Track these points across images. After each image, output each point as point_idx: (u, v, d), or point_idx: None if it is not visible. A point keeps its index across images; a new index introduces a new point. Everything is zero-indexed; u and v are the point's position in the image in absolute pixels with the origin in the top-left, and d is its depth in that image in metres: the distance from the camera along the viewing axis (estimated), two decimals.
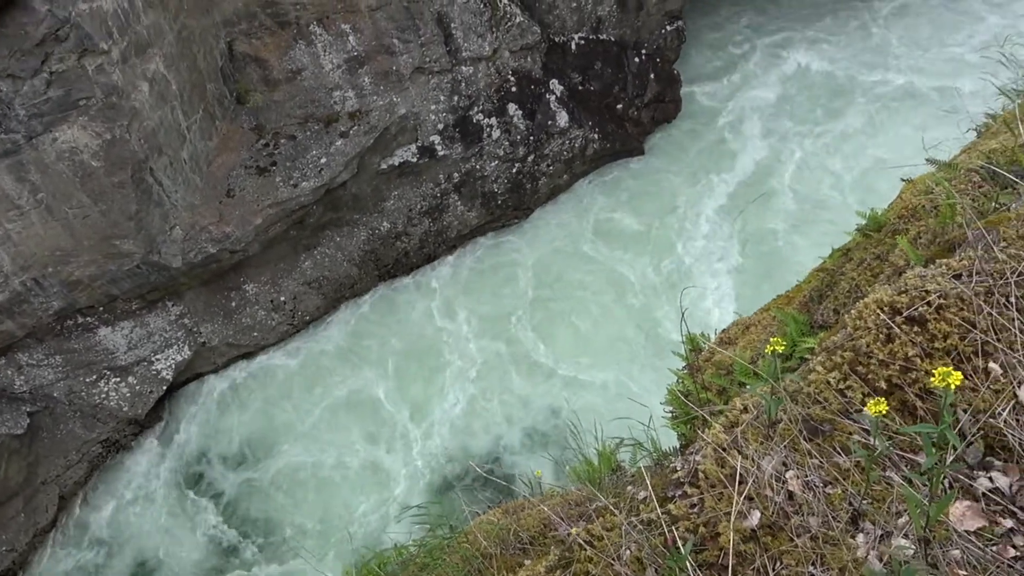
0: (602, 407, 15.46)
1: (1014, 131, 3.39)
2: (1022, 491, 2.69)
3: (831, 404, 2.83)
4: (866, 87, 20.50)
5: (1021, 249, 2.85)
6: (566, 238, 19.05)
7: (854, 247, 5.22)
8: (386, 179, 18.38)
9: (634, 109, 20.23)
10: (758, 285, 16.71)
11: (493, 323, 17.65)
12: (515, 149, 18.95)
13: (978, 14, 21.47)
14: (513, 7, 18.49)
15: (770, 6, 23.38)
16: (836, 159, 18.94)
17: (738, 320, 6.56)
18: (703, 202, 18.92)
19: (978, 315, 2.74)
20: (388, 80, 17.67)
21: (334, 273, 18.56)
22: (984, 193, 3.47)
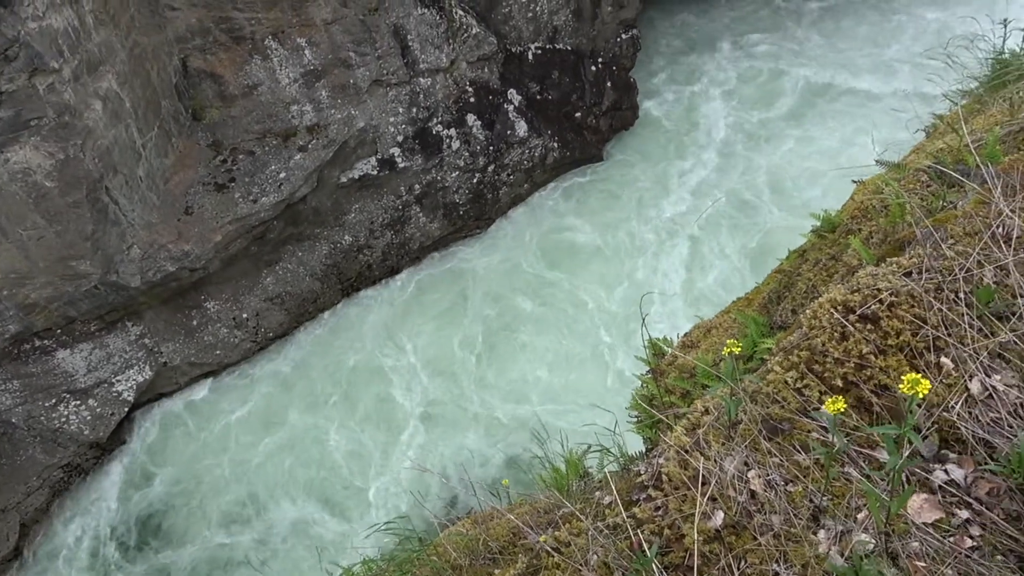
0: (568, 416, 15.50)
1: (958, 132, 3.48)
2: (977, 482, 2.75)
3: (789, 403, 2.87)
4: (818, 89, 20.83)
5: (968, 246, 2.92)
6: (524, 248, 19.10)
7: (810, 248, 5.31)
8: (347, 192, 18.30)
9: (592, 117, 20.37)
10: (718, 288, 16.87)
11: (446, 344, 17.64)
12: (475, 159, 18.98)
13: (923, 15, 21.92)
14: (469, 18, 18.54)
15: (723, 14, 23.68)
16: (790, 161, 19.22)
17: (699, 323, 6.62)
18: (662, 208, 19.09)
19: (929, 311, 2.80)
20: (346, 93, 17.62)
21: (296, 288, 18.42)
22: (932, 192, 3.55)
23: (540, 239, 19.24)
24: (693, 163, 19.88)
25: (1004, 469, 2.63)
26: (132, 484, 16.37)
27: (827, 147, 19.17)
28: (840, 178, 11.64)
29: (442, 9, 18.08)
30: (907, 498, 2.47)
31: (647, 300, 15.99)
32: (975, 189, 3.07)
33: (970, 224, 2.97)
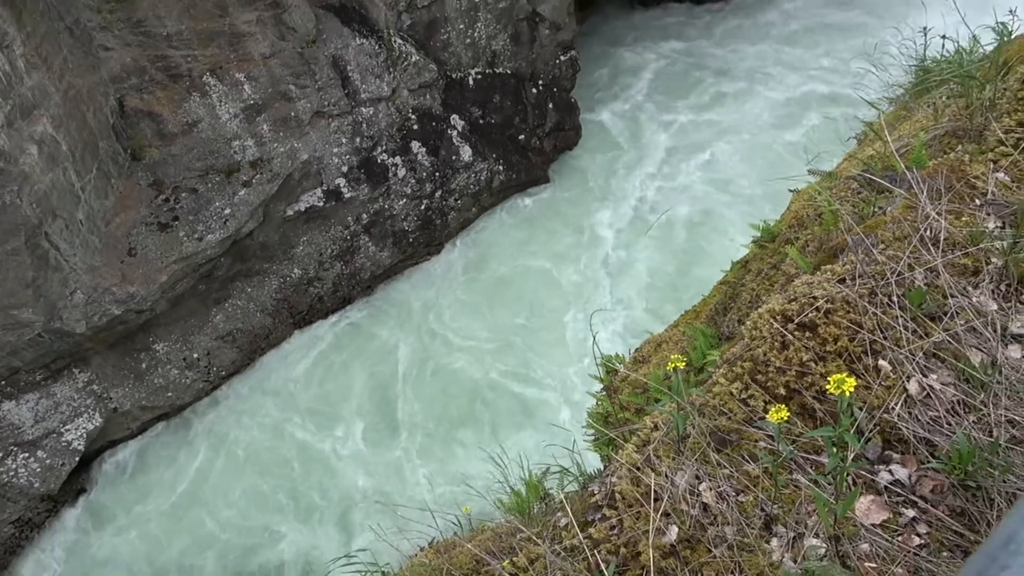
0: (528, 437, 15.50)
1: (883, 140, 3.58)
2: (920, 481, 2.81)
3: (736, 414, 2.91)
4: (757, 98, 21.24)
5: (898, 250, 3.00)
6: (473, 272, 19.13)
7: (752, 258, 5.40)
8: (293, 225, 18.17)
9: (536, 139, 20.52)
10: (666, 302, 17.04)
11: (392, 372, 17.60)
12: (422, 186, 18.99)
13: (854, 22, 22.51)
14: (408, 47, 18.61)
15: (658, 31, 24.06)
16: (731, 173, 19.55)
17: (650, 338, 6.69)
18: (608, 225, 19.27)
19: (864, 316, 2.87)
20: (288, 126, 17.53)
21: (247, 324, 18.19)
22: (863, 199, 3.64)
23: (488, 262, 19.29)
24: (636, 179, 20.12)
25: (946, 466, 2.69)
26: (85, 535, 15.95)
27: (767, 156, 19.54)
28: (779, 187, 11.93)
29: (380, 39, 18.12)
30: (853, 501, 2.51)
31: (597, 317, 16.09)
32: (902, 194, 3.16)
33: (899, 229, 3.05)
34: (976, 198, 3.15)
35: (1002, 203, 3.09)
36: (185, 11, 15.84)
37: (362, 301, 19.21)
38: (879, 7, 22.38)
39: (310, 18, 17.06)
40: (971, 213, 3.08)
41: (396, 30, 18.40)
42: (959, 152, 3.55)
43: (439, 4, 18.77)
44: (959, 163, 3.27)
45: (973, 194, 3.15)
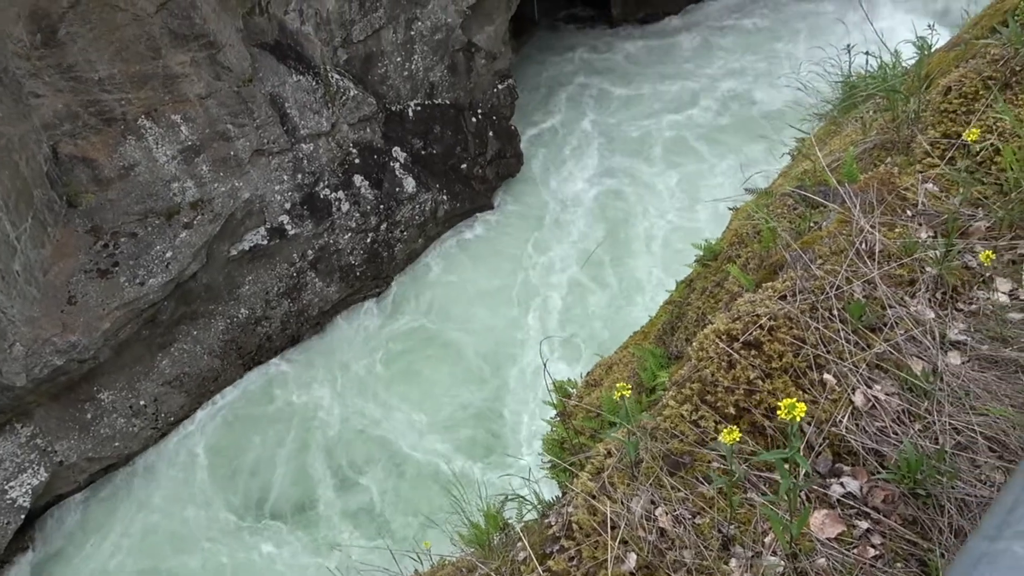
0: (485, 468, 15.43)
1: (812, 157, 3.65)
2: (872, 492, 2.84)
3: (688, 436, 2.91)
4: (692, 119, 21.60)
5: (836, 264, 3.05)
6: (422, 305, 19.09)
7: (696, 277, 5.45)
8: (238, 265, 17.94)
9: (478, 167, 20.60)
10: (614, 324, 17.16)
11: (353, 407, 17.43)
12: (367, 219, 18.90)
13: (783, 44, 23.08)
14: (346, 81, 18.59)
15: (594, 56, 24.37)
16: (671, 193, 19.81)
17: (601, 361, 6.70)
18: (552, 251, 19.38)
19: (807, 331, 2.90)
20: (227, 166, 17.35)
21: (195, 368, 17.86)
22: (799, 214, 3.69)
23: (436, 293, 19.26)
24: (579, 203, 20.30)
25: (895, 476, 2.72)
26: None
27: (707, 175, 19.85)
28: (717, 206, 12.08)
29: (317, 75, 18.08)
30: (806, 517, 2.53)
31: (548, 344, 16.12)
32: (836, 209, 3.21)
33: (835, 243, 3.10)
34: (907, 209, 3.22)
35: (932, 213, 3.16)
36: (117, 54, 15.63)
37: (316, 338, 19.02)
38: (805, 31, 22.96)
39: (245, 57, 16.96)
40: (903, 224, 3.14)
41: (333, 65, 18.38)
42: (888, 165, 3.63)
43: (375, 38, 18.81)
44: (889, 176, 3.34)
45: (904, 205, 3.22)
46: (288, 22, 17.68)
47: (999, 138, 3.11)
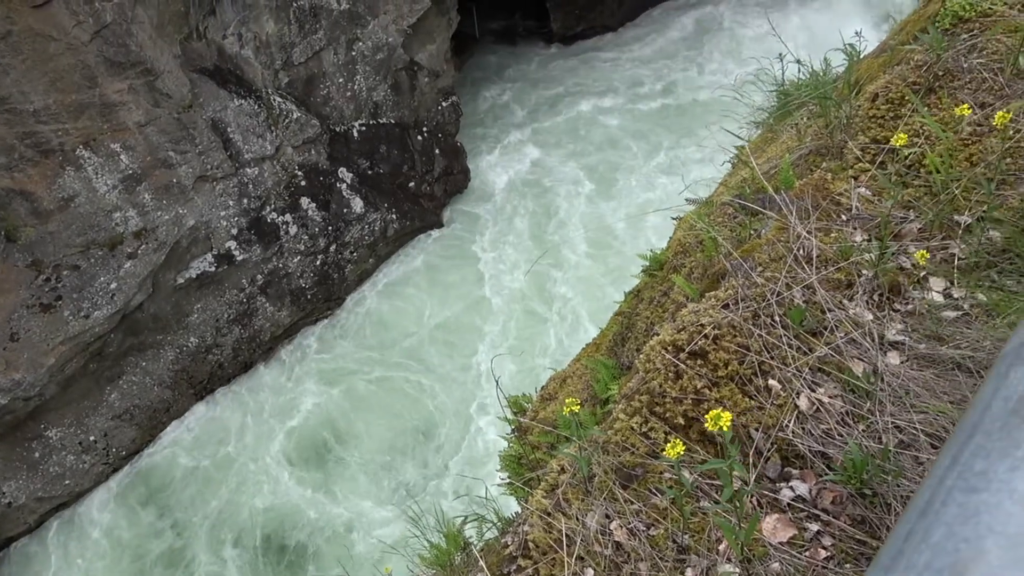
0: (447, 486, 15.35)
1: (749, 165, 3.71)
2: (821, 494, 2.88)
3: (639, 448, 2.93)
4: (633, 130, 21.83)
5: (775, 271, 3.10)
6: (373, 326, 18.96)
7: (643, 287, 5.50)
8: (186, 293, 17.66)
9: (426, 185, 20.57)
10: (564, 337, 17.24)
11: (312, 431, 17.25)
12: (315, 242, 18.76)
13: (714, 55, 23.47)
14: (288, 104, 18.46)
15: (537, 72, 24.53)
16: (617, 203, 19.96)
17: (555, 374, 6.71)
18: (502, 265, 19.41)
19: (750, 339, 2.94)
20: (170, 193, 17.09)
21: (145, 400, 17.52)
22: (739, 223, 3.75)
23: (388, 313, 19.15)
24: (523, 219, 20.38)
25: (842, 477, 2.76)
26: None
27: (649, 185, 20.06)
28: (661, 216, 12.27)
29: (259, 98, 17.93)
30: (756, 523, 2.56)
31: (504, 359, 16.12)
32: (773, 217, 3.27)
33: (774, 250, 3.15)
34: (842, 214, 3.29)
35: (866, 217, 3.23)
36: (52, 85, 15.34)
37: (272, 360, 18.78)
38: (740, 41, 23.38)
39: (184, 83, 16.76)
40: (839, 229, 3.21)
41: (274, 88, 18.25)
42: (823, 170, 3.71)
43: (316, 60, 18.73)
44: (823, 181, 3.41)
45: (839, 210, 3.29)
46: (227, 46, 17.53)
47: (926, 141, 3.20)
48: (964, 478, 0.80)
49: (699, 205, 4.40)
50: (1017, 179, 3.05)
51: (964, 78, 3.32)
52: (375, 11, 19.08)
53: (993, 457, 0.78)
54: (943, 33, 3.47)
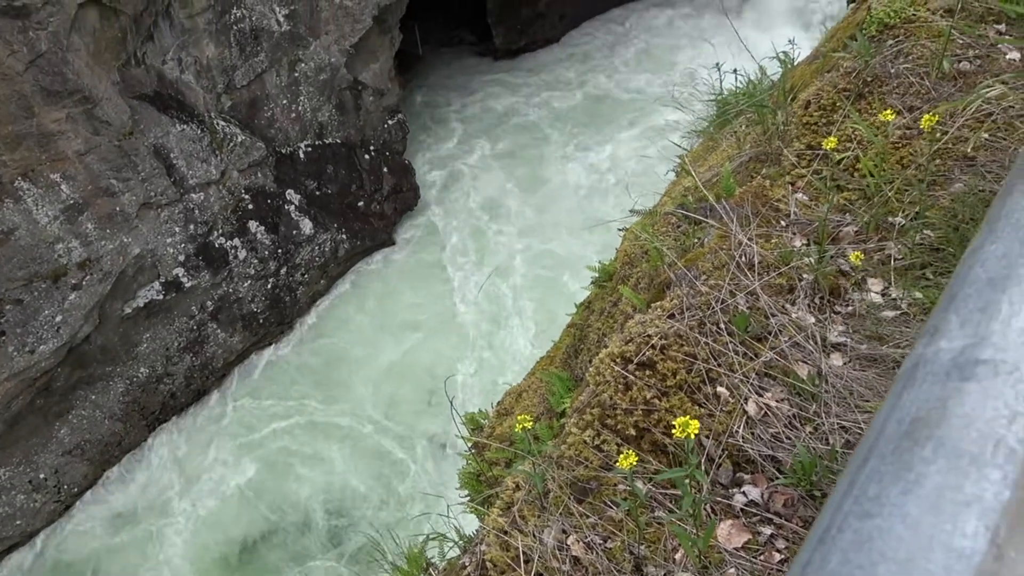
0: (409, 508, 15.24)
1: (690, 174, 3.76)
2: (772, 497, 2.91)
3: (592, 462, 2.94)
4: (579, 143, 22.00)
5: (719, 279, 3.14)
6: (325, 349, 18.82)
7: (594, 299, 5.53)
8: (134, 323, 17.35)
9: (376, 204, 20.49)
10: (519, 352, 17.26)
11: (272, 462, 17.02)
12: (265, 265, 18.56)
13: (666, 59, 23.78)
14: (232, 127, 18.28)
15: (481, 87, 24.59)
16: (565, 215, 20.06)
17: (510, 389, 6.71)
18: (454, 282, 19.39)
19: (697, 347, 2.97)
20: (114, 222, 16.80)
21: (96, 435, 17.15)
22: (683, 232, 3.79)
23: (342, 333, 19.01)
24: (476, 234, 20.41)
25: (792, 480, 2.80)
26: None
27: (592, 198, 20.21)
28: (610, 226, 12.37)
29: (202, 123, 17.72)
30: (712, 530, 2.58)
31: (453, 382, 16.09)
32: (714, 225, 3.31)
33: (716, 258, 3.19)
34: (781, 220, 3.34)
35: (804, 221, 3.29)
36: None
37: (224, 387, 18.51)
38: (680, 51, 23.71)
39: (124, 110, 16.51)
40: (779, 235, 3.26)
41: (217, 112, 18.06)
42: (762, 177, 3.77)
43: (259, 83, 18.58)
44: (762, 188, 3.46)
45: (778, 216, 3.34)
46: (167, 71, 17.32)
47: (859, 146, 3.27)
48: (859, 503, 0.81)
49: (643, 216, 4.45)
50: (947, 179, 3.13)
51: (892, 83, 3.41)
52: (316, 32, 19.00)
53: (886, 481, 0.79)
54: (870, 40, 3.56)
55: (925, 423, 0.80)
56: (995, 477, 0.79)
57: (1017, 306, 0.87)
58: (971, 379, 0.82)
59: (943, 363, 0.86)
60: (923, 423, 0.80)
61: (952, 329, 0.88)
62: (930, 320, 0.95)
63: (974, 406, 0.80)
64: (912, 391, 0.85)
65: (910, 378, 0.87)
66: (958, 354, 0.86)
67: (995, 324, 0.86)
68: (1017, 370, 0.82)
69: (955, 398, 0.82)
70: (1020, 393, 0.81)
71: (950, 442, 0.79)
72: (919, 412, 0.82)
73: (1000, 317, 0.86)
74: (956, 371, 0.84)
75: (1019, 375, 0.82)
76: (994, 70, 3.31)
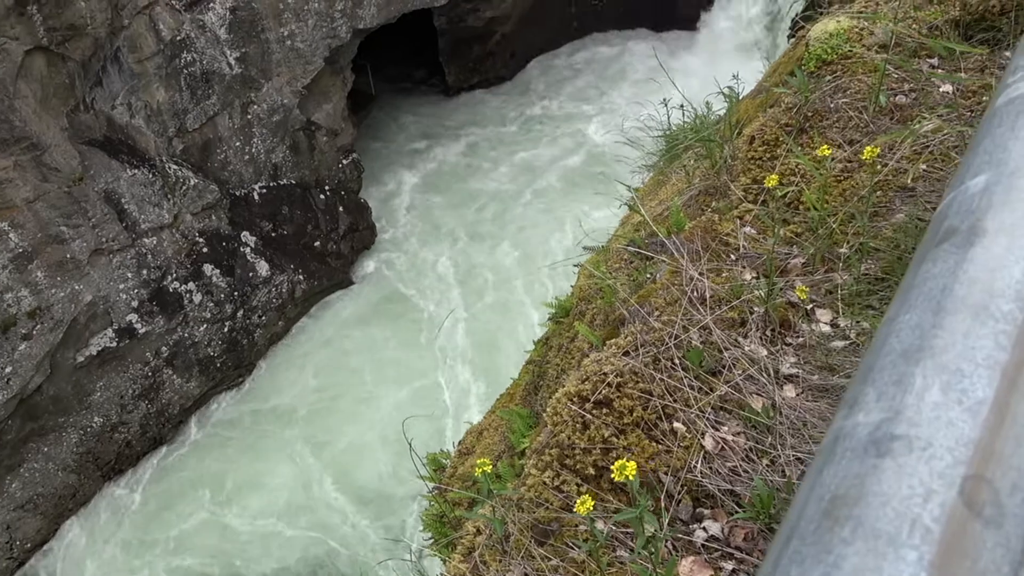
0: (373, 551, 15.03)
1: (638, 211, 3.80)
2: (733, 532, 2.92)
3: (552, 503, 2.93)
4: (532, 178, 22.14)
5: (671, 314, 3.16)
6: (282, 393, 18.58)
7: (552, 335, 5.54)
8: (87, 372, 17.00)
9: (332, 243, 20.40)
10: (478, 391, 17.21)
11: None
12: (221, 308, 18.34)
13: (614, 95, 24.10)
14: (184, 171, 18.12)
15: (435, 124, 24.69)
16: (520, 251, 20.10)
17: (471, 428, 6.67)
18: (414, 323, 19.30)
19: (652, 383, 2.99)
20: (65, 270, 16.51)
21: (49, 488, 16.72)
22: (636, 268, 3.82)
23: (300, 374, 18.80)
24: (431, 270, 20.39)
25: (751, 514, 2.81)
26: None
27: (546, 235, 20.30)
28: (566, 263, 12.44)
29: (153, 167, 17.55)
30: (673, 568, 2.57)
31: (413, 421, 15.95)
32: (665, 261, 3.35)
33: (669, 294, 3.22)
34: (731, 254, 3.39)
35: (753, 255, 3.34)
36: None
37: (179, 435, 18.16)
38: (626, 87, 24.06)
39: (73, 156, 16.31)
40: (729, 269, 3.31)
41: (169, 156, 17.92)
42: (711, 211, 3.82)
43: (211, 125, 18.48)
44: (711, 223, 3.51)
45: (728, 250, 3.39)
46: (117, 116, 17.16)
47: (802, 179, 3.34)
48: None
49: (596, 252, 4.48)
50: (888, 210, 3.21)
51: (832, 117, 3.50)
52: (268, 74, 18.98)
53: (807, 564, 0.79)
54: (809, 76, 3.65)
55: (844, 501, 0.81)
56: (911, 558, 0.79)
57: (930, 379, 0.88)
58: (887, 455, 0.83)
59: (861, 438, 0.87)
60: (842, 501, 0.81)
61: (869, 402, 0.90)
62: (849, 391, 0.96)
63: (890, 484, 0.81)
64: (832, 467, 0.86)
65: (830, 453, 0.88)
66: (875, 429, 0.87)
67: (909, 398, 0.87)
68: (931, 446, 0.83)
69: (872, 475, 0.82)
70: (934, 470, 0.82)
71: (868, 522, 0.79)
72: (839, 489, 0.83)
73: (914, 391, 0.87)
74: (873, 447, 0.85)
75: (933, 451, 0.83)
76: (929, 103, 3.42)
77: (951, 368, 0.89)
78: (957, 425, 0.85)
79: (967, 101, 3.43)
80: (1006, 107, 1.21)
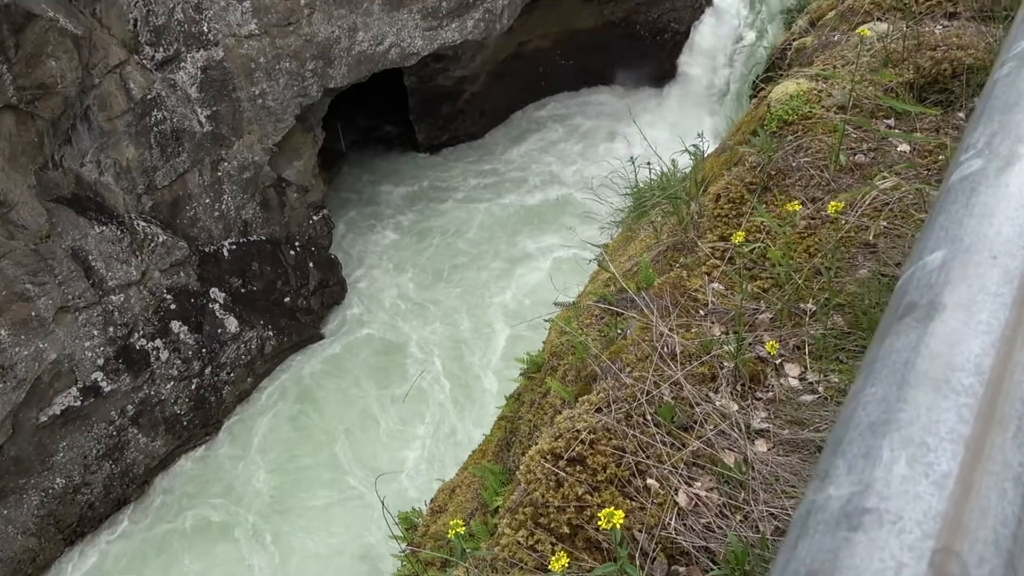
0: None
1: (607, 268, 3.85)
2: None
3: (527, 563, 2.91)
4: (503, 233, 22.29)
5: (643, 370, 3.19)
6: (253, 453, 18.32)
7: (524, 390, 5.54)
8: (49, 431, 16.66)
9: (302, 299, 20.32)
10: (451, 448, 17.10)
11: None
12: (189, 365, 18.12)
13: (583, 152, 24.46)
14: (153, 228, 18.04)
15: (404, 180, 24.85)
16: (492, 310, 20.15)
17: (443, 485, 6.62)
18: (385, 380, 19.17)
19: (625, 440, 3.00)
20: (29, 327, 16.27)
21: (8, 552, 16.25)
22: (606, 323, 3.86)
23: (268, 433, 18.55)
24: (402, 326, 20.37)
25: (726, 571, 2.81)
26: None
27: (520, 289, 20.41)
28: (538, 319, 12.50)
29: (122, 224, 17.46)
30: None
31: (384, 480, 15.78)
32: (635, 317, 3.39)
33: (639, 350, 3.26)
34: (700, 309, 3.44)
35: (722, 311, 3.39)
36: None
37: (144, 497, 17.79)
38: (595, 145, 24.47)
39: (40, 213, 16.20)
40: (698, 324, 3.35)
41: (138, 213, 17.85)
42: (680, 266, 3.88)
43: (180, 182, 18.48)
44: (680, 279, 3.57)
45: (697, 306, 3.44)
46: (85, 174, 17.11)
47: (767, 236, 3.42)
48: None
49: (567, 307, 4.52)
50: (852, 266, 3.28)
51: (794, 176, 3.59)
52: (239, 132, 19.07)
53: None
54: (771, 135, 3.76)
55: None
56: None
57: (897, 452, 0.91)
58: (858, 529, 0.85)
59: (833, 511, 0.88)
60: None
61: (840, 475, 0.92)
62: (820, 463, 0.98)
63: (862, 558, 0.82)
64: (806, 541, 0.88)
65: (804, 526, 0.89)
66: (846, 502, 0.88)
67: (878, 471, 0.89)
68: (900, 519, 0.85)
69: (845, 549, 0.84)
70: (904, 543, 0.83)
71: None
72: (813, 563, 0.84)
73: (882, 463, 0.90)
74: (845, 520, 0.87)
75: (903, 524, 0.85)
76: (887, 161, 3.53)
77: (916, 441, 0.91)
78: (924, 498, 0.87)
79: (924, 160, 3.55)
80: (959, 184, 1.27)
